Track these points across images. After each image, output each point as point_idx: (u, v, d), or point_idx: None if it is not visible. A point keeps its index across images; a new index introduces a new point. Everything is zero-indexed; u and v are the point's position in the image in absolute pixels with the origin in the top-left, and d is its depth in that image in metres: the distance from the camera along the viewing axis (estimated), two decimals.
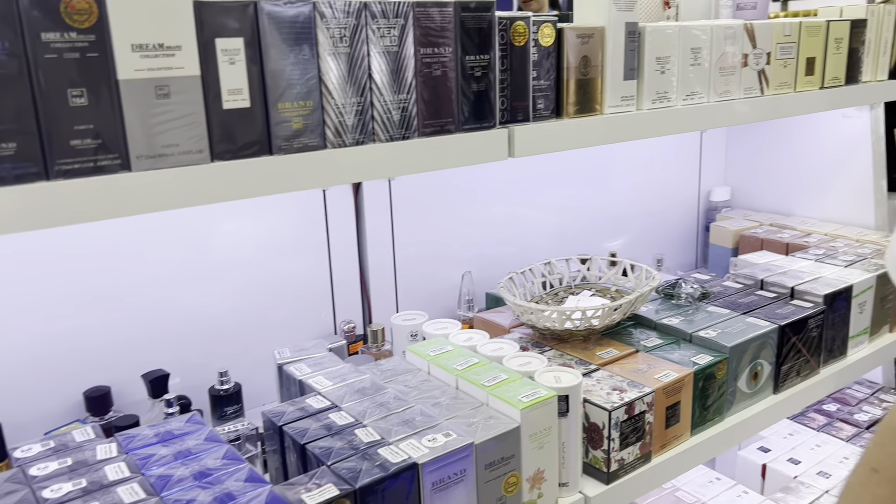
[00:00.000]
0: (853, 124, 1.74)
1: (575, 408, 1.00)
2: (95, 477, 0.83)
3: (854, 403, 1.71)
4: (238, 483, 0.82)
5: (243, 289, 1.30)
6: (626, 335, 1.27)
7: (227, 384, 1.19)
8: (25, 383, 1.12)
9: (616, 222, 1.83)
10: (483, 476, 0.91)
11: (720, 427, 1.20)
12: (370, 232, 1.41)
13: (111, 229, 1.16)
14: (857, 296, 1.41)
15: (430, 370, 1.09)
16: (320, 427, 0.93)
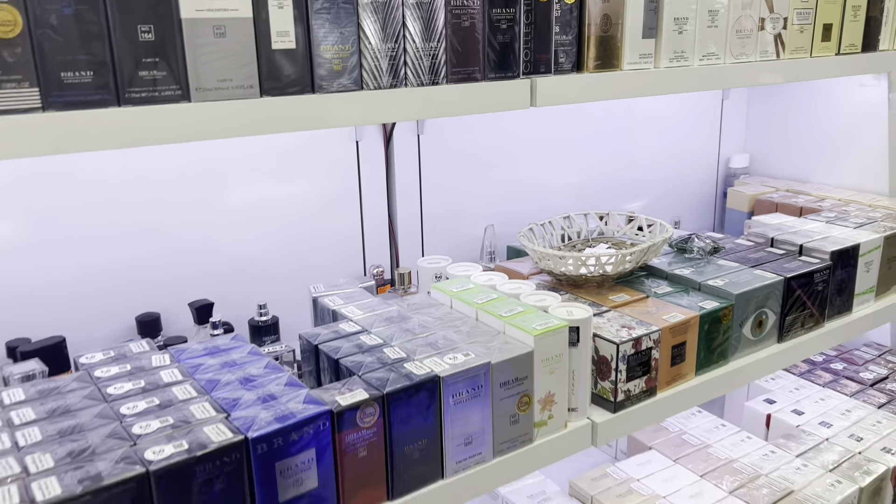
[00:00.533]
0: (870, 93, 1.78)
1: (585, 339, 1.08)
2: (152, 379, 0.94)
3: (861, 363, 1.77)
4: (279, 387, 0.91)
5: (280, 233, 1.39)
6: (637, 283, 1.35)
7: (265, 316, 1.29)
8: (84, 307, 1.23)
9: (636, 186, 1.90)
10: (498, 394, 1.00)
11: (724, 370, 1.27)
12: (399, 184, 1.50)
13: (161, 174, 1.26)
14: (864, 255, 1.47)
15: (453, 304, 1.18)
16: (352, 346, 1.03)
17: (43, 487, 0.72)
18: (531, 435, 1.05)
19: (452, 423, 0.96)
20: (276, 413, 0.85)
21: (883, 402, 1.60)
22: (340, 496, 0.89)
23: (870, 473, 1.37)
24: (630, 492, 1.31)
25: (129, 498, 0.74)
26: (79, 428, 0.83)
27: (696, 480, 1.35)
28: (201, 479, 0.78)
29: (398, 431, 0.92)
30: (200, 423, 0.83)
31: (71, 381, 0.94)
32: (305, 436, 0.84)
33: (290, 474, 0.84)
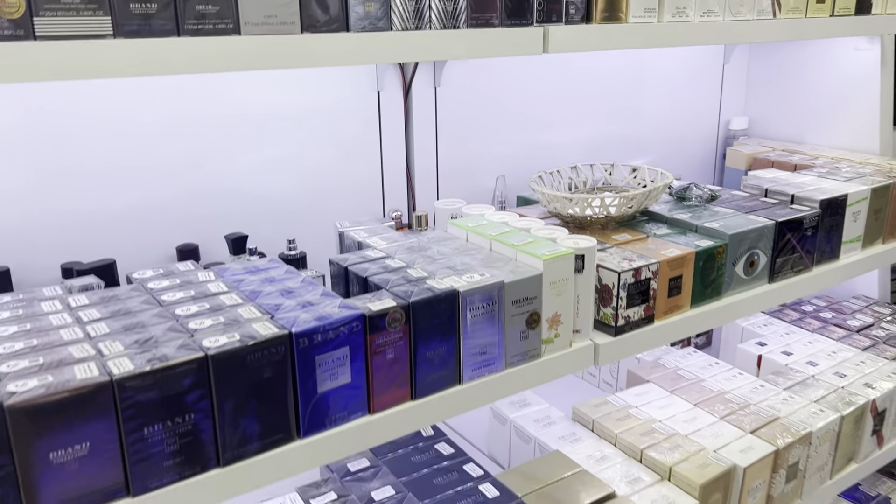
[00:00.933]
0: (864, 57, 1.87)
1: (589, 267, 1.19)
2: (200, 290, 1.04)
3: (849, 312, 1.87)
4: (316, 296, 1.02)
5: (306, 178, 1.49)
6: (639, 226, 1.45)
7: (294, 250, 1.39)
8: (128, 238, 1.33)
9: (640, 144, 1.99)
10: (510, 310, 1.10)
11: (717, 304, 1.37)
12: (416, 133, 1.60)
13: (201, 120, 1.36)
14: (851, 205, 1.57)
15: (468, 238, 1.28)
16: (378, 268, 1.13)
17: (117, 365, 0.83)
18: (539, 350, 1.15)
19: (469, 335, 1.07)
20: (315, 315, 0.95)
21: (867, 345, 1.71)
22: (370, 392, 1.00)
23: (851, 404, 1.48)
24: (628, 416, 1.42)
25: (190, 378, 0.85)
26: (141, 324, 0.93)
27: (690, 408, 1.46)
28: (252, 367, 0.89)
29: (421, 338, 1.02)
30: (248, 322, 0.94)
31: (128, 290, 1.05)
32: (341, 335, 0.95)
33: (327, 368, 0.95)
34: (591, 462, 1.31)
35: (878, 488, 1.78)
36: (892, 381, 1.57)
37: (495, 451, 1.53)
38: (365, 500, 1.20)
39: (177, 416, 0.85)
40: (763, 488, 1.35)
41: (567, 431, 1.42)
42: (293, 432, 0.95)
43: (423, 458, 1.32)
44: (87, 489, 0.82)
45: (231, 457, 0.90)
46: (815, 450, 1.42)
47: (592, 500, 1.21)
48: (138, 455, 0.83)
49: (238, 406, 0.89)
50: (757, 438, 1.36)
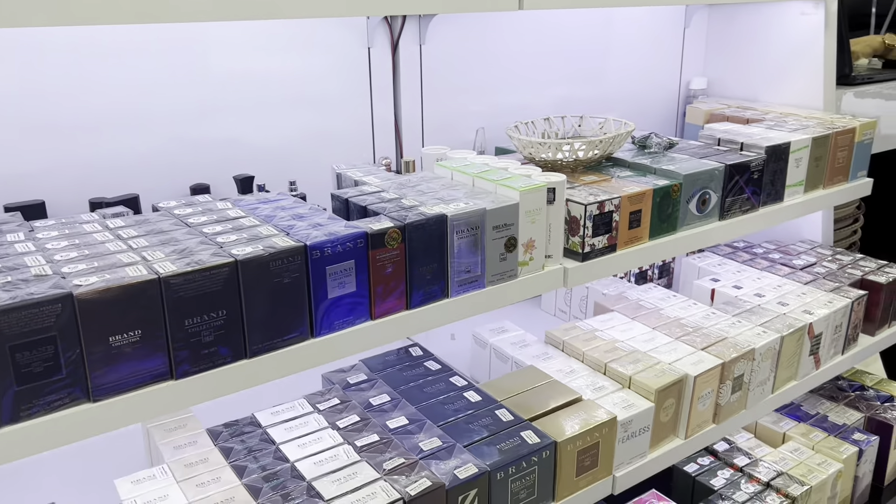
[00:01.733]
0: (810, 21, 2.04)
1: (560, 199, 1.35)
2: (221, 215, 1.19)
3: (795, 254, 2.07)
4: (323, 219, 1.17)
5: (303, 127, 1.64)
6: (604, 169, 1.62)
7: (295, 191, 1.54)
8: (144, 180, 1.47)
9: (607, 103, 2.16)
10: (491, 234, 1.27)
11: (672, 237, 1.55)
12: (404, 88, 1.74)
13: (209, 71, 1.49)
14: (794, 152, 1.75)
15: (453, 176, 1.44)
16: (375, 198, 1.29)
17: (162, 266, 0.98)
18: (516, 271, 1.32)
19: (456, 255, 1.23)
20: (325, 232, 1.11)
21: (809, 280, 1.91)
22: (372, 300, 1.16)
23: (791, 327, 1.67)
24: (594, 338, 1.60)
25: (222, 280, 1.00)
26: (174, 240, 1.08)
27: (649, 331, 1.64)
28: (273, 272, 1.04)
29: (415, 256, 1.18)
30: (268, 237, 1.09)
31: (156, 216, 1.20)
32: (347, 249, 1.11)
33: (336, 277, 1.11)
34: (562, 375, 1.49)
35: (818, 408, 1.99)
36: (829, 308, 1.76)
37: (476, 373, 1.71)
38: (364, 405, 1.36)
39: (212, 311, 1.00)
40: (712, 397, 1.54)
41: (540, 351, 1.59)
42: (307, 332, 1.11)
43: (413, 372, 1.49)
44: (138, 371, 0.97)
45: (257, 349, 1.06)
46: (758, 365, 1.61)
47: (561, 403, 1.39)
48: (180, 343, 0.99)
49: (262, 306, 1.04)
50: (707, 354, 1.54)
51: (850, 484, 1.84)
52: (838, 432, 1.88)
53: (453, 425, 1.32)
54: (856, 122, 1.91)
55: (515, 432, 1.30)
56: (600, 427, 1.34)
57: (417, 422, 1.30)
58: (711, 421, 1.58)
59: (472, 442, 1.27)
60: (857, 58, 2.46)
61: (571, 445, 1.30)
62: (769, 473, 1.72)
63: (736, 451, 1.81)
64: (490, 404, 1.38)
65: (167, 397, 1.01)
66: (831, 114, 2.04)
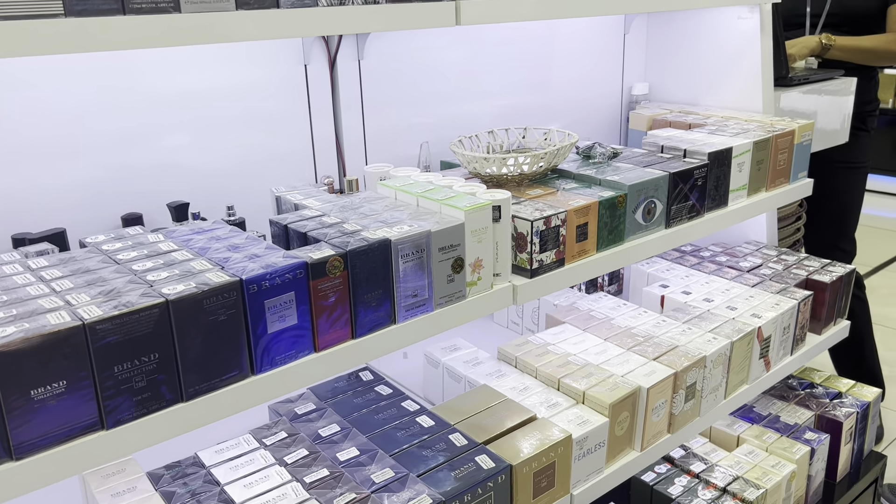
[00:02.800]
0: (747, 25, 2.07)
1: (506, 216, 1.33)
2: (152, 249, 1.14)
3: (741, 256, 2.09)
4: (261, 249, 1.13)
5: (241, 149, 1.58)
6: (550, 182, 1.60)
7: (233, 216, 1.49)
8: (72, 212, 1.39)
9: (552, 111, 2.15)
10: (437, 256, 1.24)
11: (620, 248, 1.54)
12: (343, 105, 1.70)
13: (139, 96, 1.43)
14: (736, 156, 1.77)
15: (397, 196, 1.40)
16: (316, 224, 1.25)
17: (87, 312, 0.92)
18: (464, 292, 1.29)
19: (402, 279, 1.20)
20: (262, 264, 1.06)
21: (756, 282, 1.92)
22: (315, 332, 1.12)
23: (740, 332, 1.68)
24: (547, 352, 1.59)
25: (153, 322, 0.95)
26: (101, 279, 1.02)
27: (601, 343, 1.63)
28: (208, 310, 0.99)
29: (359, 283, 1.15)
30: (201, 272, 1.04)
31: (83, 253, 1.13)
32: (286, 281, 1.06)
33: (275, 311, 1.06)
34: (515, 392, 1.47)
35: (770, 409, 2.01)
36: (776, 310, 1.78)
37: (430, 394, 1.68)
38: (313, 437, 1.32)
39: (143, 355, 0.95)
40: (665, 407, 1.54)
41: (493, 369, 1.57)
42: (247, 370, 1.06)
43: (364, 399, 1.45)
44: (65, 423, 0.91)
45: (194, 392, 1.01)
46: (710, 372, 1.61)
47: (516, 423, 1.36)
48: (109, 391, 0.93)
49: (197, 346, 1.00)
50: (659, 364, 1.54)
51: (803, 483, 1.87)
52: (790, 432, 1.90)
53: (406, 453, 1.28)
54: (794, 125, 1.94)
55: (470, 457, 1.27)
56: (555, 446, 1.32)
57: (369, 452, 1.26)
58: (666, 431, 1.57)
59: (426, 470, 1.24)
60: (794, 59, 2.50)
61: (527, 467, 1.28)
62: (725, 478, 1.73)
63: (692, 458, 1.82)
64: (443, 429, 1.35)
65: (99, 449, 0.95)
66: (771, 116, 2.07)
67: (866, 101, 2.59)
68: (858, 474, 2.06)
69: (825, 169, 2.53)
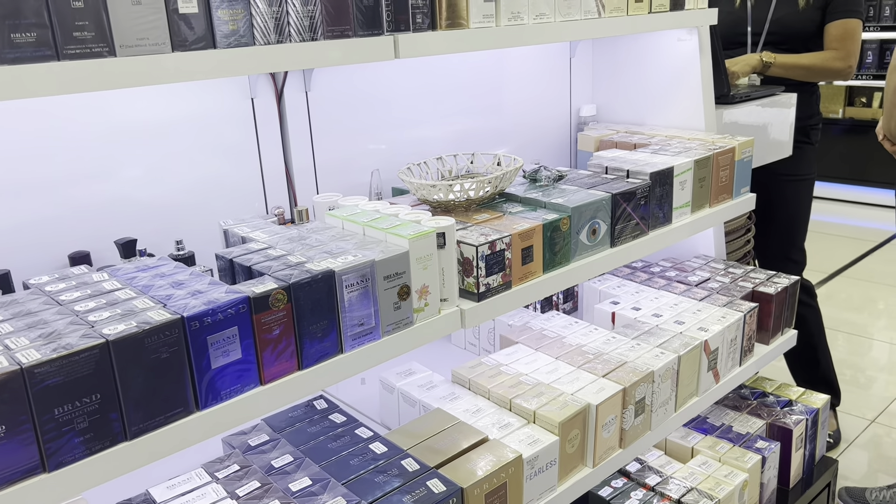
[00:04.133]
0: (686, 46, 2.14)
1: (450, 242, 1.36)
2: (95, 288, 1.14)
3: (690, 270, 2.14)
4: (204, 285, 1.14)
5: (188, 182, 1.59)
6: (497, 206, 1.64)
7: (182, 250, 1.50)
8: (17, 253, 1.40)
9: (501, 135, 2.19)
10: (382, 285, 1.26)
11: (566, 268, 1.58)
12: (292, 136, 1.73)
13: (83, 132, 1.44)
14: (678, 175, 1.82)
15: (344, 226, 1.43)
16: (261, 257, 1.26)
17: (25, 356, 0.93)
18: (411, 319, 1.32)
19: (347, 309, 1.22)
20: (204, 300, 1.08)
21: (703, 296, 1.97)
22: (260, 365, 1.13)
23: (687, 346, 1.72)
24: (500, 373, 1.61)
25: (93, 363, 0.96)
26: (42, 322, 1.03)
27: (552, 361, 1.66)
28: (149, 349, 1.00)
29: (304, 315, 1.16)
30: (143, 311, 1.05)
31: (26, 295, 1.14)
32: (229, 316, 1.08)
33: (218, 346, 1.08)
34: (468, 415, 1.49)
35: (723, 419, 2.05)
36: (722, 323, 1.83)
37: (386, 419, 1.69)
38: (265, 468, 1.33)
39: (84, 396, 0.96)
40: (616, 423, 1.57)
41: (447, 392, 1.59)
42: (192, 406, 1.07)
43: (318, 428, 1.46)
44: (6, 468, 0.91)
45: (137, 430, 1.02)
46: (658, 386, 1.65)
47: (468, 445, 1.39)
48: (50, 434, 0.94)
49: (140, 385, 1.00)
50: (607, 380, 1.57)
51: (756, 491, 1.91)
52: (742, 442, 1.94)
53: (359, 480, 1.30)
54: (735, 142, 2.00)
55: (421, 482, 1.28)
56: (506, 467, 1.34)
57: (321, 481, 1.28)
58: (618, 446, 1.61)
59: (380, 496, 1.25)
60: (737, 77, 2.58)
61: (478, 489, 1.30)
62: (680, 490, 1.77)
63: (647, 471, 1.85)
64: (396, 454, 1.36)
65: (42, 491, 0.95)
66: (712, 134, 2.13)
67: (808, 115, 2.68)
68: (811, 479, 2.11)
69: (772, 182, 2.61)
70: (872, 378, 3.38)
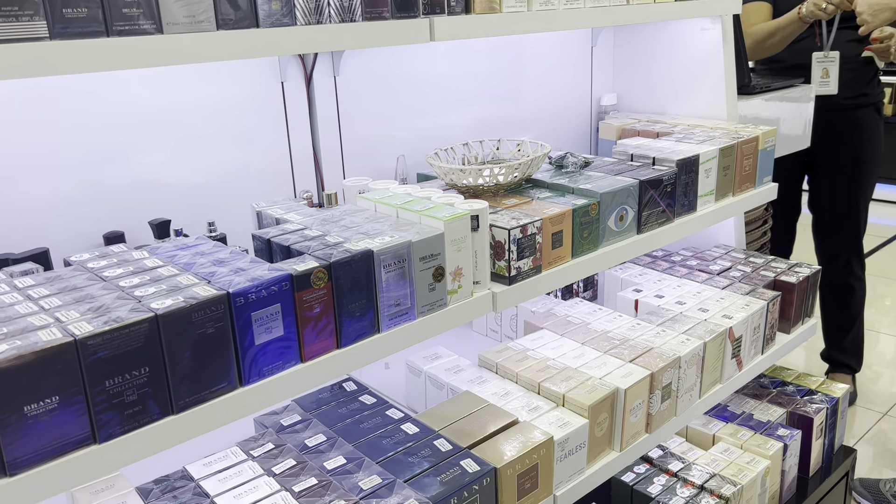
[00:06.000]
0: (710, 35, 2.14)
1: (483, 225, 1.37)
2: (137, 266, 1.15)
3: (711, 259, 2.15)
4: (245, 263, 1.15)
5: (220, 165, 1.60)
6: (524, 192, 1.65)
7: (214, 232, 1.51)
8: (54, 231, 1.40)
9: (523, 123, 2.20)
10: (418, 266, 1.27)
11: (594, 254, 1.59)
12: (320, 120, 1.73)
13: (120, 111, 1.44)
14: (703, 163, 1.83)
15: (377, 208, 1.43)
16: (298, 237, 1.27)
17: (77, 328, 0.94)
18: (445, 300, 1.33)
19: (384, 289, 1.23)
20: (247, 277, 1.09)
21: (725, 284, 1.98)
22: (301, 342, 1.14)
23: (712, 333, 1.73)
24: (526, 357, 1.62)
25: (143, 336, 0.97)
26: (89, 296, 1.04)
27: (578, 347, 1.67)
28: (196, 324, 1.01)
29: (343, 293, 1.17)
30: (188, 287, 1.06)
31: (69, 271, 1.15)
32: (272, 293, 1.09)
33: (262, 323, 1.09)
34: (497, 398, 1.50)
35: (743, 407, 2.06)
36: (746, 311, 1.84)
37: (413, 402, 1.70)
38: (299, 447, 1.34)
39: (134, 369, 0.97)
40: (643, 407, 1.58)
41: (475, 376, 1.60)
42: (235, 381, 1.08)
43: (348, 409, 1.47)
44: (58, 439, 0.93)
45: (184, 404, 1.03)
46: (685, 372, 1.66)
47: (498, 427, 1.39)
48: (101, 406, 0.95)
49: (186, 360, 1.01)
50: (635, 366, 1.58)
51: (777, 478, 1.92)
52: (763, 429, 1.95)
53: (392, 460, 1.31)
54: (758, 131, 2.01)
55: (455, 462, 1.29)
56: (538, 448, 1.35)
57: (356, 460, 1.29)
58: (644, 431, 1.62)
59: (413, 476, 1.26)
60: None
61: (511, 470, 1.31)
62: (702, 476, 1.78)
63: (670, 457, 1.86)
64: (428, 435, 1.37)
65: (92, 463, 0.96)
66: (735, 123, 2.14)
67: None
68: (830, 468, 2.12)
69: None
70: (879, 373, 3.38)
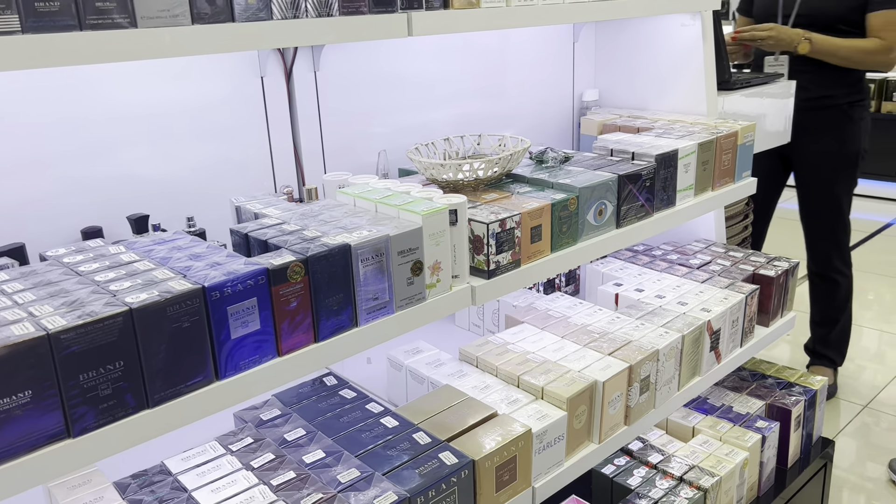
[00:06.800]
0: (689, 31, 2.15)
1: (462, 219, 1.38)
2: (113, 260, 1.15)
3: (691, 253, 2.17)
4: (222, 257, 1.15)
5: (199, 160, 1.60)
6: (504, 187, 1.65)
7: (194, 227, 1.50)
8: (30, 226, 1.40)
9: (505, 118, 2.20)
10: (396, 260, 1.27)
11: (573, 248, 1.60)
12: (301, 116, 1.73)
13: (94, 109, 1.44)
14: (682, 158, 1.84)
15: (356, 203, 1.44)
16: (276, 231, 1.27)
17: (51, 322, 0.94)
18: (424, 294, 1.33)
19: (362, 283, 1.23)
20: (223, 272, 1.09)
21: (705, 278, 2.00)
22: (278, 337, 1.14)
23: (691, 326, 1.75)
24: (506, 351, 1.63)
25: (117, 330, 0.97)
26: (64, 291, 1.04)
27: (558, 340, 1.68)
28: (171, 318, 1.01)
29: (320, 288, 1.18)
30: (164, 281, 1.06)
31: (44, 266, 1.14)
32: (248, 287, 1.09)
33: (238, 317, 1.09)
34: (476, 391, 1.51)
35: (723, 399, 2.08)
36: (724, 304, 1.85)
37: (394, 396, 1.71)
38: (279, 441, 1.34)
39: (108, 363, 0.97)
40: (621, 400, 1.59)
41: (455, 369, 1.61)
42: (212, 375, 1.08)
43: (328, 403, 1.48)
44: (31, 433, 0.92)
45: (159, 398, 1.03)
46: (663, 365, 1.67)
47: (477, 420, 1.40)
48: (75, 400, 0.95)
49: (162, 353, 1.01)
50: (613, 358, 1.59)
51: (756, 469, 1.94)
52: (742, 421, 1.97)
53: (371, 453, 1.31)
54: (737, 126, 2.02)
55: (433, 454, 1.30)
56: (516, 440, 1.36)
57: (334, 454, 1.29)
58: (623, 423, 1.63)
59: (391, 469, 1.27)
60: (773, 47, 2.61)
61: (489, 462, 1.32)
62: (682, 468, 1.79)
63: (650, 449, 1.88)
64: (407, 428, 1.38)
65: (66, 457, 0.96)
66: (715, 118, 2.15)
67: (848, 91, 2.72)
68: (808, 459, 2.15)
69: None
70: (862, 367, 3.42)
